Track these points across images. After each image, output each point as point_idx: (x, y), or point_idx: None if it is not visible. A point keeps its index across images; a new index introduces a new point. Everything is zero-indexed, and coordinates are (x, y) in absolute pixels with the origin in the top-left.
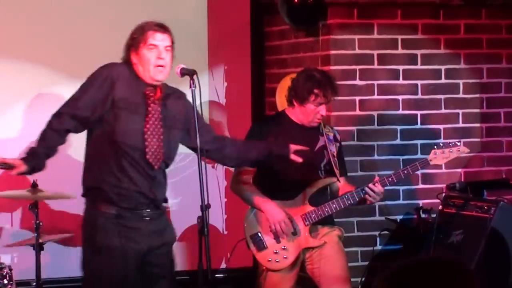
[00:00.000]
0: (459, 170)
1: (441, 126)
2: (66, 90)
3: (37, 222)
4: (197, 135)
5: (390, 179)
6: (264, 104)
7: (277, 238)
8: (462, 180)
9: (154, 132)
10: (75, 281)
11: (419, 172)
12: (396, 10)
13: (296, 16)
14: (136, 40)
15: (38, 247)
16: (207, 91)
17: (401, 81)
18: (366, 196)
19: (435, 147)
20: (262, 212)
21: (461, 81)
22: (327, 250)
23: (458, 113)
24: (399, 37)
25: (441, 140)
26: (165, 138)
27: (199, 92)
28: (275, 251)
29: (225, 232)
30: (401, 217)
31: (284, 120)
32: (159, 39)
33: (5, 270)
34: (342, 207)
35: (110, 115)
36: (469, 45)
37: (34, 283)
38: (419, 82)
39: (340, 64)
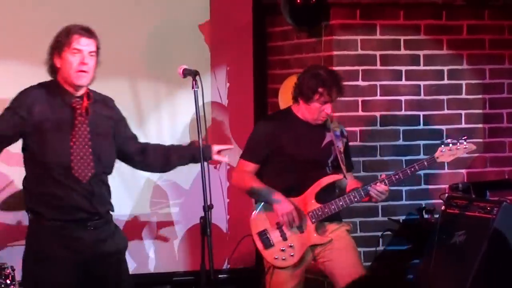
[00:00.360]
0: (462, 170)
1: (443, 127)
2: None
3: None
4: (200, 138)
5: (396, 176)
6: (267, 105)
7: (283, 235)
8: (465, 180)
9: (81, 146)
10: None
11: (421, 173)
12: (398, 10)
13: (299, 16)
14: (60, 43)
15: None
16: (209, 92)
17: (403, 82)
18: (371, 194)
19: (442, 144)
20: (269, 203)
21: (463, 82)
22: (338, 244)
23: (461, 114)
24: (402, 37)
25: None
26: (96, 148)
27: (201, 92)
28: (281, 248)
29: (228, 232)
30: (403, 217)
31: (290, 117)
32: (84, 44)
33: (8, 271)
34: (349, 204)
35: (36, 138)
36: (472, 45)
37: None
38: (421, 83)
39: (342, 65)
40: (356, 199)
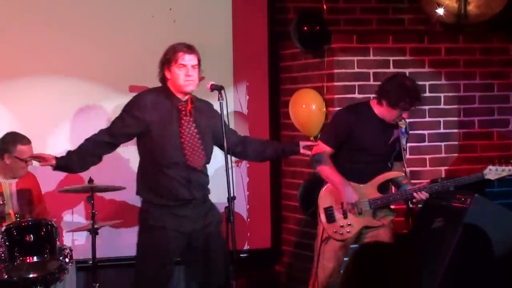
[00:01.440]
0: (441, 168)
1: (425, 132)
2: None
3: (93, 211)
4: (224, 140)
5: (436, 187)
6: (279, 114)
7: (345, 214)
8: (443, 176)
9: (191, 140)
10: (125, 260)
11: (408, 169)
12: (388, 36)
13: (306, 41)
14: (168, 59)
15: (94, 232)
16: (232, 103)
17: None
18: (414, 195)
19: (491, 164)
20: (339, 191)
21: (442, 95)
22: (383, 231)
23: (440, 121)
24: (391, 58)
25: (426, 143)
26: (203, 142)
27: (226, 103)
28: (341, 225)
29: (248, 220)
30: (393, 207)
31: (367, 112)
32: (188, 59)
33: (67, 251)
34: (403, 198)
35: (147, 137)
36: (449, 64)
37: (90, 262)
38: None
39: (342, 81)
40: (409, 195)
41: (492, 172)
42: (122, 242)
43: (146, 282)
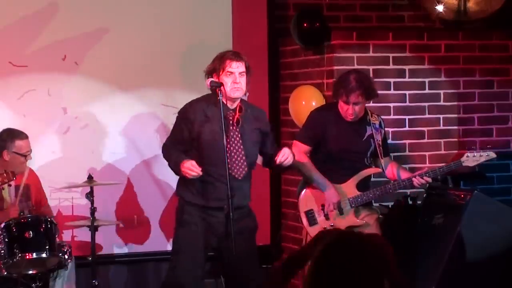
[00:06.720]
0: (441, 164)
1: (425, 129)
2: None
3: (93, 207)
4: (224, 138)
5: (430, 173)
6: (279, 110)
7: (327, 216)
8: None
9: (235, 150)
10: (124, 256)
11: (407, 166)
12: (388, 32)
13: (305, 38)
14: (216, 68)
15: (93, 228)
16: None
17: (392, 91)
18: (414, 184)
19: (468, 151)
20: (320, 190)
21: (441, 91)
22: (370, 231)
23: (439, 118)
24: (391, 55)
25: (425, 140)
26: (246, 151)
27: (225, 101)
28: (324, 227)
29: None
30: (392, 203)
31: (336, 111)
32: (235, 67)
33: (66, 247)
34: (384, 194)
35: (197, 143)
36: (448, 61)
37: (90, 258)
38: (407, 92)
39: None
40: (390, 191)
41: (470, 159)
42: (122, 239)
43: (179, 275)
